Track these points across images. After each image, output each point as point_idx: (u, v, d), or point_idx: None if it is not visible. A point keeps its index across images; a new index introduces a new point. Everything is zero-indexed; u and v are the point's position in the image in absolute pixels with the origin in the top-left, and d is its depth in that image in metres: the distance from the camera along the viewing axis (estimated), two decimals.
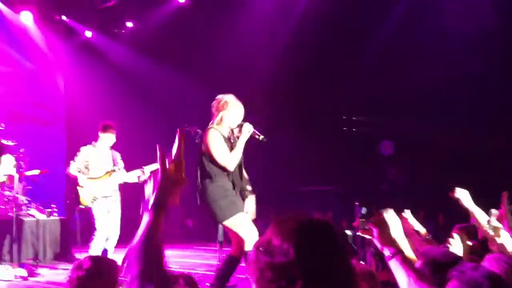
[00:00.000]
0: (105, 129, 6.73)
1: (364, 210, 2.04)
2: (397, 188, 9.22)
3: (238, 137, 4.74)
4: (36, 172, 7.93)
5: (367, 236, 2.36)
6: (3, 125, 7.03)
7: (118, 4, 10.44)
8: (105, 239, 6.63)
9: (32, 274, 6.69)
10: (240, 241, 4.57)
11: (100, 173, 6.72)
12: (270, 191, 10.36)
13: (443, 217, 8.31)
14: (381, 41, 9.99)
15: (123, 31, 11.41)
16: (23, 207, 8.23)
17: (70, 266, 7.25)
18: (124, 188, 6.96)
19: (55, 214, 8.79)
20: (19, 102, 10.88)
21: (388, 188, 9.37)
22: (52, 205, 8.88)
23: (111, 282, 2.56)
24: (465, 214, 3.84)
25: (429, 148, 9.56)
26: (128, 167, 6.86)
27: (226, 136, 4.76)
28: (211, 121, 4.78)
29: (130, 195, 6.69)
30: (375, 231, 2.24)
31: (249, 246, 4.44)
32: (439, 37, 9.29)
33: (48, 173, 8.25)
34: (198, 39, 10.86)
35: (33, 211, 8.37)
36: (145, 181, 1.70)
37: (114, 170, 6.74)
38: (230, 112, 4.71)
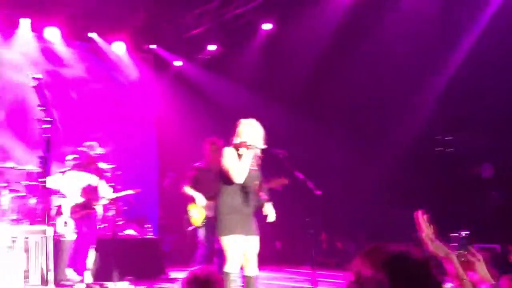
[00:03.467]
0: (212, 144, 6.64)
1: (464, 242, 2.00)
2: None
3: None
4: (129, 192, 8.09)
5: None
6: (104, 149, 7.39)
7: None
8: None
9: None
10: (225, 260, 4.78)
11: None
12: (362, 213, 10.04)
13: None
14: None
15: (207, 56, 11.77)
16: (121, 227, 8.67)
17: (165, 284, 7.58)
18: None
19: (150, 234, 9.19)
20: (113, 124, 11.44)
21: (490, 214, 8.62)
22: (147, 225, 9.30)
23: None
24: None
25: None
26: None
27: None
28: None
29: None
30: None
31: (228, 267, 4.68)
32: None
33: (140, 192, 8.37)
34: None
35: (129, 231, 8.81)
36: None
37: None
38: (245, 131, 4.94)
